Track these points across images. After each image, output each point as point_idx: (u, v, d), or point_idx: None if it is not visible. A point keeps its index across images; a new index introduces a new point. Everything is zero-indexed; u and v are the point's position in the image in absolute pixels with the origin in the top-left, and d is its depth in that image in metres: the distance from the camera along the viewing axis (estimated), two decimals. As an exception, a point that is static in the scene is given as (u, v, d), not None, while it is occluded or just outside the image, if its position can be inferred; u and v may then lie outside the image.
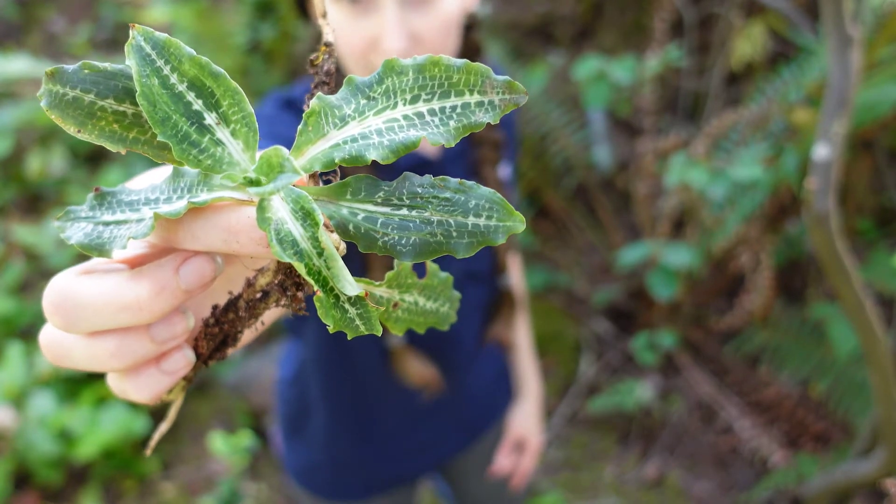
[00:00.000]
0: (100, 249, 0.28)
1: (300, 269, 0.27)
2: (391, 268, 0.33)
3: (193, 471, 2.08)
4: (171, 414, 0.38)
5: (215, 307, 0.35)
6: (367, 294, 0.31)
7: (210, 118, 0.28)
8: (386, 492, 1.14)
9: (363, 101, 0.29)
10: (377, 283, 0.33)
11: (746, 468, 2.00)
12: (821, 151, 0.98)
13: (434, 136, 0.28)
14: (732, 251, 2.00)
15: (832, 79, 0.95)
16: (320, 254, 0.27)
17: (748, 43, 2.15)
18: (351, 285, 0.27)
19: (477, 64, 0.29)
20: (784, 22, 2.14)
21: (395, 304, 0.34)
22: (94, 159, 2.64)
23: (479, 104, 0.28)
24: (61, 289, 0.30)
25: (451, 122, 0.28)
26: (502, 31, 2.64)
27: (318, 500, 1.13)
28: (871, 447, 1.40)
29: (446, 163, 0.97)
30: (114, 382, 0.34)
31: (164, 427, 0.38)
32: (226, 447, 1.67)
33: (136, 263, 0.32)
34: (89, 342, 0.30)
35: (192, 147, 0.27)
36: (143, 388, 0.33)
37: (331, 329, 0.29)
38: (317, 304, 0.28)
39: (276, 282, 0.33)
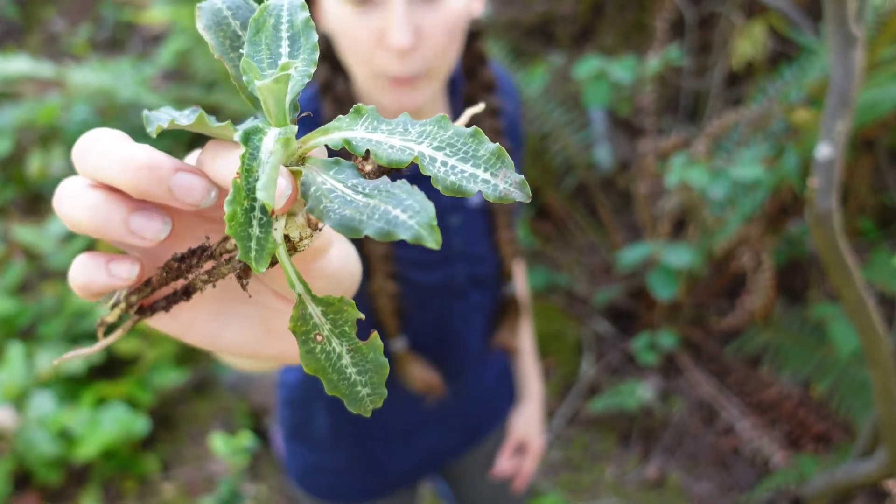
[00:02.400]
0: (148, 123, 0.34)
1: (242, 151, 0.29)
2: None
3: (193, 471, 2.08)
4: (100, 343, 0.38)
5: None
6: (301, 299, 0.32)
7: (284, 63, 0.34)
8: (387, 493, 1.14)
9: (399, 128, 0.32)
10: (317, 296, 0.33)
11: (747, 469, 2.00)
12: (823, 150, 0.97)
13: (429, 174, 0.30)
14: (733, 251, 1.99)
15: (834, 78, 0.95)
16: (271, 167, 0.29)
17: (749, 42, 2.15)
18: (268, 195, 0.28)
19: (506, 154, 0.30)
20: (785, 21, 2.14)
21: (318, 337, 0.33)
22: (94, 159, 2.64)
23: (485, 181, 0.30)
24: (95, 130, 0.34)
25: (451, 178, 0.30)
26: (502, 31, 2.64)
27: (318, 502, 1.13)
28: (873, 447, 1.40)
29: None
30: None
31: (85, 350, 0.38)
32: (226, 447, 1.67)
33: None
34: (83, 191, 0.33)
35: (258, 70, 0.34)
36: (82, 272, 0.35)
37: (227, 225, 0.29)
38: (230, 193, 0.29)
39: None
